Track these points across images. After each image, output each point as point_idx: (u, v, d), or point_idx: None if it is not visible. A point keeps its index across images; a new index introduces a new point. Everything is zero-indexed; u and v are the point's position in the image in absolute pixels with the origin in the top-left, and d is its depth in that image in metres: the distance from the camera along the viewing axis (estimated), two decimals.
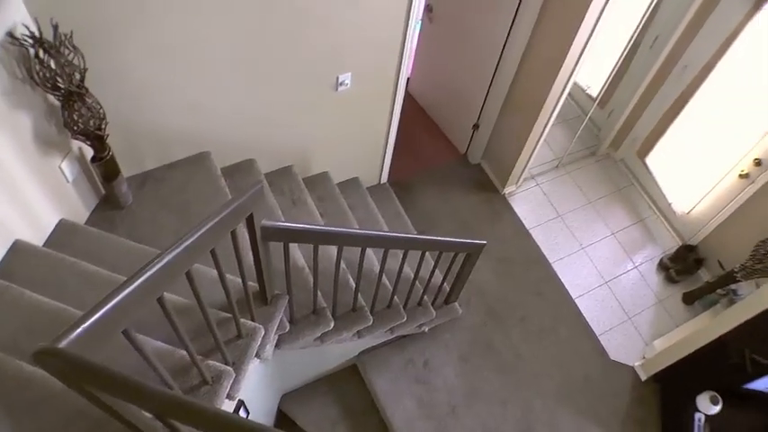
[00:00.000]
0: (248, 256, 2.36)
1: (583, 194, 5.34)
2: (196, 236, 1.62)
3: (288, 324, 2.96)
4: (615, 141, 5.59)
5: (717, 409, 4.00)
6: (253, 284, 2.55)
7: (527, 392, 4.29)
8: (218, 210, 1.77)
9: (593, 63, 4.84)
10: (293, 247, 3.22)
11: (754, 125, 4.33)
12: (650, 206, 5.37)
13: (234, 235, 1.95)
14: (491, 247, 4.79)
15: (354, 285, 3.16)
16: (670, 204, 5.18)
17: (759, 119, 4.28)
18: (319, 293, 3.09)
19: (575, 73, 4.14)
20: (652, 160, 5.29)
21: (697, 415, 4.04)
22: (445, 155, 5.40)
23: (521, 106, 4.55)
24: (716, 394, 4.01)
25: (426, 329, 4.23)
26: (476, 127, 5.09)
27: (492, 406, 4.18)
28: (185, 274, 1.66)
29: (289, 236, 2.32)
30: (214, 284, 2.15)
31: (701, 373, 4.17)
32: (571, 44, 3.85)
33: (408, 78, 5.59)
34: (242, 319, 2.43)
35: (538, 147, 4.83)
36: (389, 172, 4.85)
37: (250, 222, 2.07)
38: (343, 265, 3.42)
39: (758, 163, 4.41)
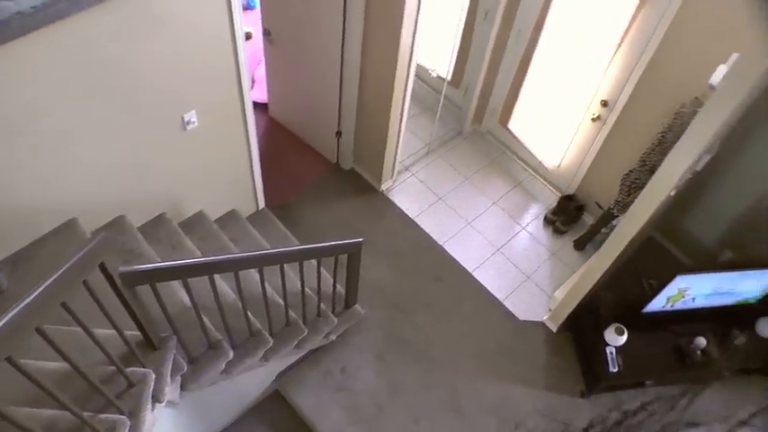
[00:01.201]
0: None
1: (458, 173, 5.54)
2: (37, 292, 1.67)
3: (186, 364, 3.00)
4: (477, 116, 5.81)
5: (623, 338, 4.24)
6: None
7: (447, 374, 4.43)
8: (60, 263, 1.82)
9: (435, 47, 5.07)
10: (176, 287, 3.28)
11: (592, 70, 4.60)
12: (524, 168, 5.61)
13: (88, 286, 2.00)
14: (381, 244, 4.94)
15: (243, 310, 3.22)
16: (541, 162, 5.43)
17: (595, 63, 4.55)
18: (213, 327, 3.15)
19: (412, 61, 4.33)
20: (514, 125, 5.54)
21: (608, 349, 4.27)
22: (318, 167, 5.52)
23: (373, 104, 4.72)
24: (620, 325, 4.24)
25: (333, 338, 4.33)
26: (339, 134, 5.23)
27: (417, 395, 4.30)
28: (37, 331, 1.71)
29: (151, 277, 2.38)
30: (104, 341, 2.21)
31: (603, 310, 4.41)
32: (400, 35, 4.03)
33: (266, 103, 5.70)
34: (132, 368, 2.47)
35: (401, 138, 4.99)
36: (265, 197, 4.93)
37: (105, 271, 2.12)
38: (232, 293, 3.51)
39: (605, 104, 4.69)
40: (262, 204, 4.96)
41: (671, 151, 3.18)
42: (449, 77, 5.42)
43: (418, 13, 3.95)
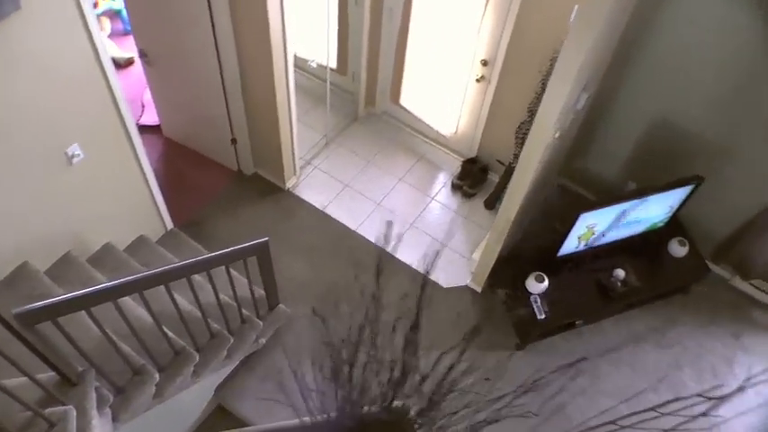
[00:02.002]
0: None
1: (360, 158, 5.61)
2: None
3: (112, 394, 3.00)
4: (369, 98, 5.89)
5: (545, 285, 4.37)
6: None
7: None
8: None
9: (313, 38, 5.12)
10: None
11: (466, 32, 4.72)
12: (424, 141, 5.71)
13: None
14: (296, 241, 4.97)
15: (160, 330, 3.22)
16: (438, 131, 5.54)
17: (468, 25, 4.66)
18: (136, 352, 3.15)
19: (288, 55, 4.38)
20: (406, 100, 5.63)
21: (532, 298, 4.40)
22: (221, 178, 5.51)
23: (260, 104, 4.75)
24: (539, 273, 4.37)
25: (263, 341, 4.35)
26: (234, 141, 5.24)
27: None
28: None
29: (47, 313, 2.37)
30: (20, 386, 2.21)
31: (523, 262, 4.60)
32: (269, 30, 4.07)
33: (159, 125, 5.67)
34: (51, 409, 2.47)
35: (296, 134, 5.03)
36: (173, 217, 4.91)
37: None
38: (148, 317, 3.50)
39: (485, 63, 4.83)
40: (170, 225, 4.94)
41: (544, 94, 3.28)
42: (334, 65, 5.51)
43: (282, 7, 3.98)
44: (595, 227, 4.35)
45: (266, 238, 3.72)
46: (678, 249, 4.87)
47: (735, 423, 4.55)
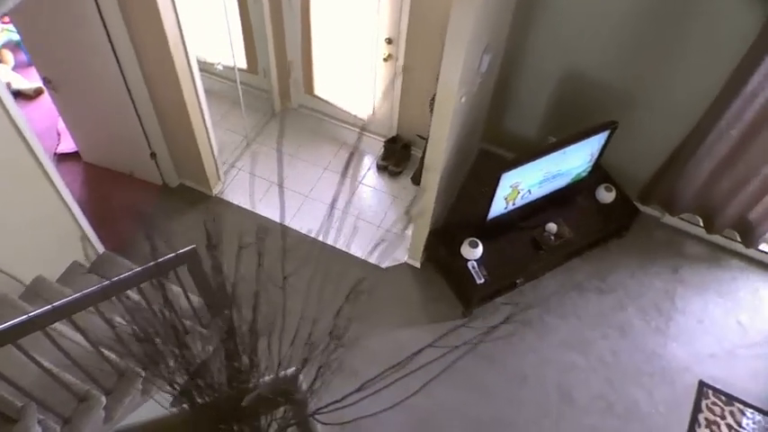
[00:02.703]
0: None
1: (283, 154, 5.62)
2: None
3: (59, 425, 2.99)
4: (283, 94, 5.90)
5: (479, 250, 4.47)
6: None
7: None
8: None
9: (218, 41, 5.10)
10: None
11: (367, 12, 4.81)
12: (344, 127, 5.77)
13: None
14: (230, 244, 4.95)
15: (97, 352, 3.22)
16: (356, 116, 5.57)
17: (368, 4, 4.74)
18: (80, 380, 3.14)
19: (192, 61, 4.39)
20: (320, 90, 5.68)
21: (469, 264, 4.48)
22: (148, 195, 5.49)
23: (172, 115, 4.73)
24: (472, 239, 4.45)
25: (210, 348, 4.34)
26: (153, 155, 5.22)
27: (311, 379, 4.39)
28: None
29: None
30: None
31: (456, 230, 4.70)
32: (167, 40, 4.06)
33: (77, 151, 5.61)
34: None
35: (213, 140, 5.03)
36: (104, 241, 4.88)
37: None
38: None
39: (390, 41, 4.88)
40: (101, 249, 4.90)
41: (442, 60, 3.35)
42: (243, 66, 5.54)
43: (177, 13, 3.98)
44: (519, 185, 4.45)
45: (193, 246, 3.72)
46: (606, 195, 5.01)
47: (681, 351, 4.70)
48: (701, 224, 5.42)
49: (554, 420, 4.52)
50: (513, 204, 4.65)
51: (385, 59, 4.95)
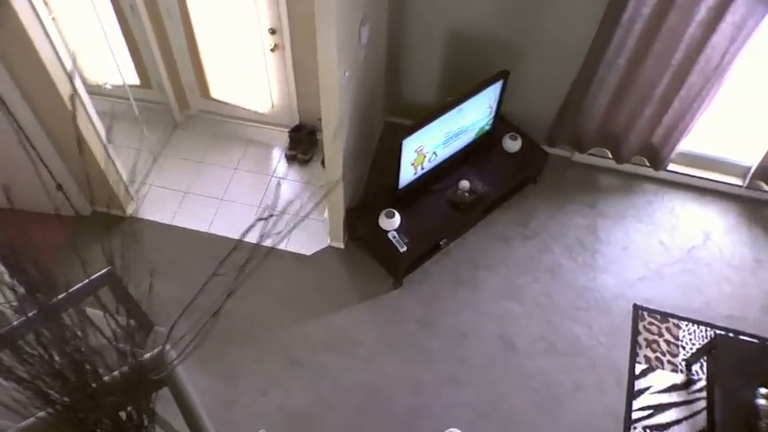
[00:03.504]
0: None
1: (191, 162, 5.63)
2: None
3: None
4: (181, 103, 5.87)
5: (397, 219, 4.55)
6: None
7: (274, 339, 4.68)
8: None
9: (106, 62, 5.05)
10: None
11: (245, 5, 4.83)
12: (247, 125, 5.77)
13: None
14: (154, 261, 4.90)
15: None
16: (256, 111, 5.58)
17: None
18: None
19: (78, 86, 4.36)
20: (216, 92, 5.66)
21: (389, 234, 4.55)
22: (64, 229, 5.40)
23: (68, 144, 4.68)
24: (388, 209, 4.51)
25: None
26: (59, 187, 5.11)
27: (255, 371, 4.51)
28: None
29: None
30: None
31: (372, 204, 4.79)
32: (45, 67, 4.07)
33: None
34: None
35: (117, 161, 4.99)
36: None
37: None
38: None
39: (273, 31, 4.90)
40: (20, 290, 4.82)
41: (317, 38, 3.39)
42: (137, 81, 5.49)
43: (50, 39, 3.95)
44: (423, 149, 4.53)
45: (109, 267, 3.69)
46: (512, 145, 5.13)
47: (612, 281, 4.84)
48: (610, 156, 5.57)
49: (500, 370, 4.63)
50: (422, 169, 4.72)
51: (272, 50, 4.98)
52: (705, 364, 4.76)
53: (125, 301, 3.94)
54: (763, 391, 4.13)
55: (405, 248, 4.60)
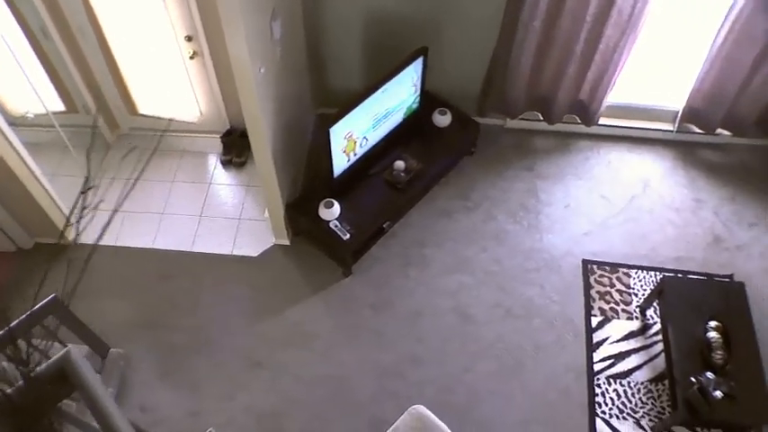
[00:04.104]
0: None
1: (128, 180, 5.55)
2: None
3: None
4: (110, 122, 5.83)
5: (336, 208, 4.59)
6: None
7: (233, 344, 4.74)
8: None
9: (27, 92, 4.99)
10: None
11: (156, 16, 4.82)
12: (178, 137, 5.74)
13: None
14: (102, 285, 4.91)
15: None
16: (186, 121, 5.56)
17: (153, 7, 4.74)
18: None
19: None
20: (142, 107, 5.63)
21: (331, 224, 4.57)
22: (8, 265, 5.35)
23: None
24: (327, 200, 4.53)
25: (112, 390, 4.33)
26: None
27: (216, 380, 4.55)
28: None
29: None
30: None
31: (311, 197, 4.81)
32: None
33: None
34: None
35: (52, 191, 4.96)
36: None
37: None
38: None
39: (190, 38, 4.88)
40: None
41: (225, 37, 3.39)
42: (62, 107, 5.45)
43: None
44: (353, 135, 4.56)
45: (53, 295, 3.69)
46: (442, 119, 5.19)
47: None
48: (542, 118, 5.65)
49: (459, 342, 4.68)
50: (355, 155, 4.76)
51: (192, 57, 4.97)
52: (657, 307, 4.83)
53: (74, 327, 3.94)
54: (713, 324, 4.23)
55: (348, 236, 4.63)
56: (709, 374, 4.03)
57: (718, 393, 3.95)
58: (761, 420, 4.10)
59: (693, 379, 4.05)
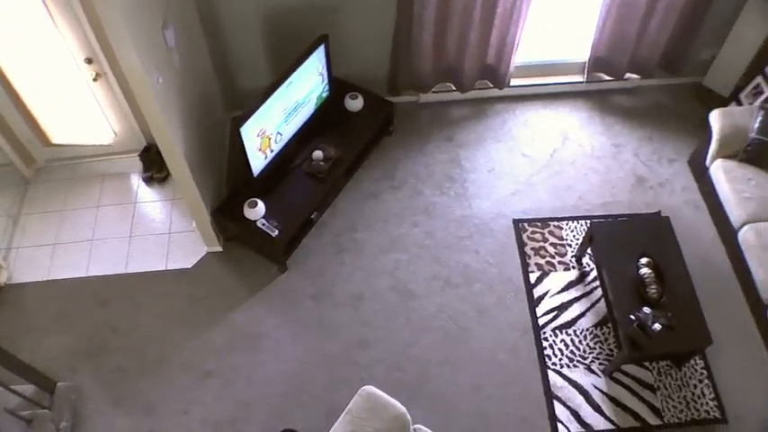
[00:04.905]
0: None
1: (52, 213, 5.55)
2: None
3: None
4: (25, 157, 5.73)
5: (261, 207, 4.62)
6: None
7: (177, 357, 4.73)
8: None
9: None
10: None
11: (52, 43, 4.73)
12: (97, 161, 5.67)
13: None
14: (40, 321, 4.90)
15: None
16: (102, 144, 5.50)
17: (45, 35, 4.66)
18: None
19: None
20: (56, 137, 5.57)
21: (258, 222, 4.58)
22: None
23: None
24: (250, 200, 4.54)
25: (65, 424, 4.28)
26: None
27: (166, 396, 4.56)
28: None
29: None
30: None
31: (235, 200, 4.80)
32: None
33: None
34: None
35: None
36: None
37: None
38: None
39: (90, 60, 4.82)
40: None
41: (114, 50, 3.37)
42: None
43: None
44: (266, 131, 4.57)
45: None
46: (354, 104, 5.24)
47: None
48: (454, 88, 5.69)
49: (405, 319, 4.75)
50: (272, 151, 4.77)
51: (95, 80, 4.92)
52: (591, 254, 4.93)
53: (15, 368, 3.90)
54: (644, 260, 4.34)
55: (276, 232, 4.65)
56: (646, 309, 4.14)
57: (657, 326, 4.06)
58: (701, 345, 4.22)
59: (633, 316, 4.14)
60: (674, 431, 4.38)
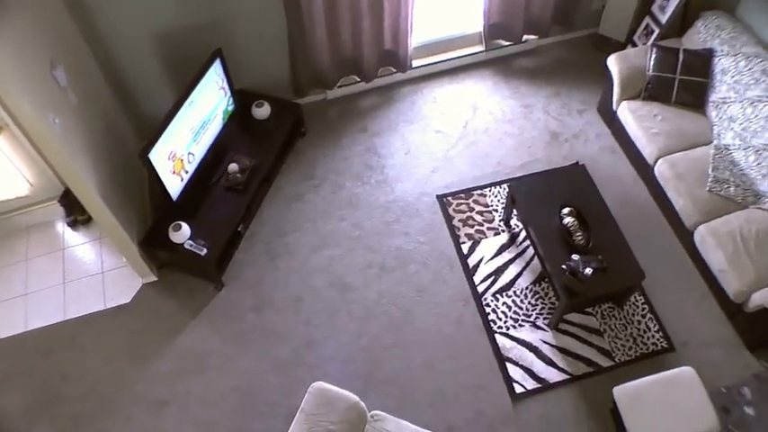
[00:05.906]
0: None
1: None
2: None
3: None
4: None
5: (185, 229, 4.68)
6: None
7: (130, 395, 4.72)
8: None
9: None
10: None
11: None
12: (16, 216, 5.60)
13: None
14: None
15: None
16: (19, 196, 5.45)
17: None
18: None
19: None
20: None
21: (186, 244, 4.65)
22: None
23: None
24: (174, 223, 4.62)
25: None
26: None
27: None
28: None
29: None
30: None
31: (158, 227, 4.86)
32: None
33: None
34: None
35: None
36: None
37: None
38: None
39: None
40: None
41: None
42: None
43: None
44: (176, 154, 4.59)
45: None
46: (261, 111, 5.32)
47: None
48: (358, 79, 5.76)
49: (346, 312, 4.86)
50: (187, 172, 4.81)
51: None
52: (516, 214, 5.06)
53: None
54: (566, 210, 4.50)
55: (205, 251, 4.69)
56: (575, 257, 4.28)
57: (588, 270, 4.20)
58: (634, 281, 4.38)
59: (564, 266, 4.26)
60: (627, 369, 4.52)
